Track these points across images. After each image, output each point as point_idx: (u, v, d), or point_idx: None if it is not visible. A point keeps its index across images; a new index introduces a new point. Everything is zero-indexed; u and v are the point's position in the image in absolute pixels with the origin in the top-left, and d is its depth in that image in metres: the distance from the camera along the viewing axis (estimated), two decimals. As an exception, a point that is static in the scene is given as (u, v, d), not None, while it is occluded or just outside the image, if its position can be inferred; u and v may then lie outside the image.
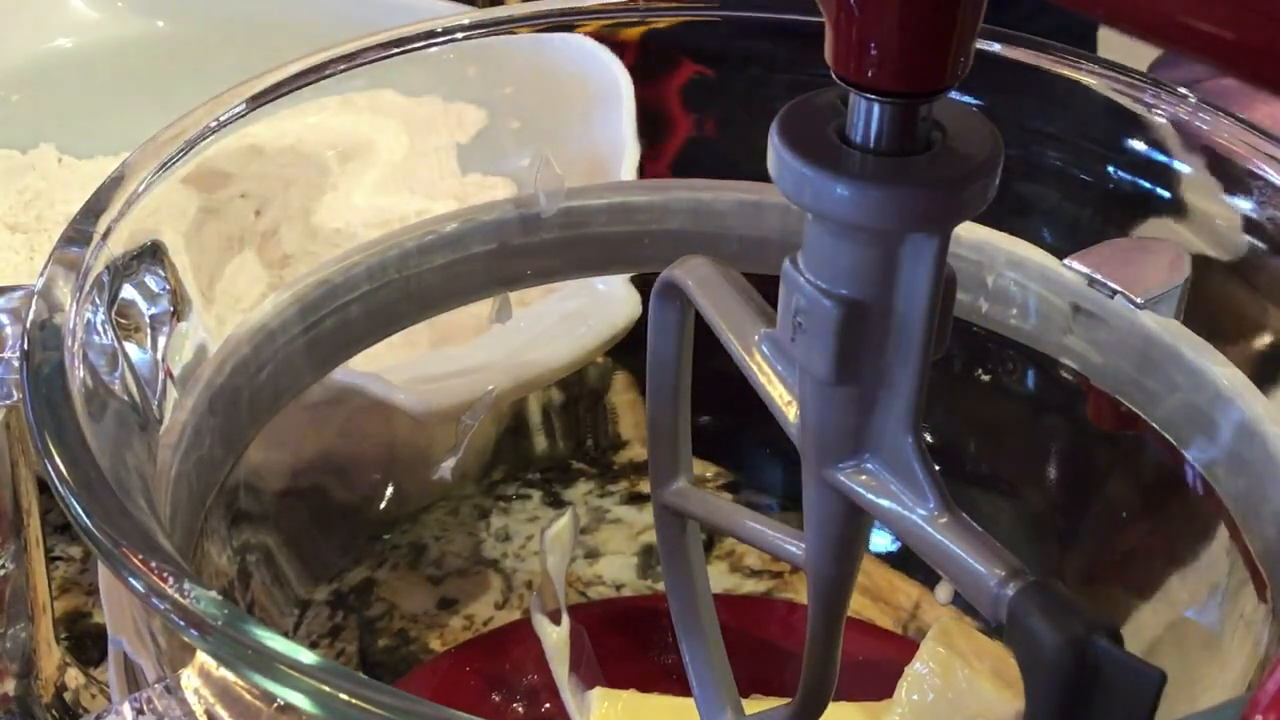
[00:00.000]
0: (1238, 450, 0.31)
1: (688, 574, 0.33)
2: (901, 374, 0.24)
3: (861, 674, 0.37)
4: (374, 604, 0.41)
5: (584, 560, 0.43)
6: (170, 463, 0.30)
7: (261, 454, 0.36)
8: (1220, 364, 0.32)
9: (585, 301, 0.40)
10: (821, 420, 0.26)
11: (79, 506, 0.25)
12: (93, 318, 0.28)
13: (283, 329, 0.33)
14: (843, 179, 0.23)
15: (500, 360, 0.39)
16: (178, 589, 0.23)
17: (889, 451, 0.25)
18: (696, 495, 0.32)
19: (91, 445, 0.26)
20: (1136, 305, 0.32)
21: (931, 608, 0.41)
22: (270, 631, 0.23)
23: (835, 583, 0.28)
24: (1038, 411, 0.39)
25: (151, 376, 0.30)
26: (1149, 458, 0.34)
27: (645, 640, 0.40)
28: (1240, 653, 0.31)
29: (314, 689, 0.22)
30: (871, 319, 0.24)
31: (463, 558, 0.43)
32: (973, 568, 0.24)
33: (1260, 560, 0.30)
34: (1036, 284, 0.34)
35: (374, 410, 0.38)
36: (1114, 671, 0.22)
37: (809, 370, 0.25)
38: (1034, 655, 0.23)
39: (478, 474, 0.44)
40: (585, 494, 0.45)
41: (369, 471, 0.41)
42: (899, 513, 0.25)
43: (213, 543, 0.34)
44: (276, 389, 0.33)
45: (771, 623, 0.41)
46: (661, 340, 0.30)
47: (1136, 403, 0.33)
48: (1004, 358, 0.38)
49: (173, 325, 0.31)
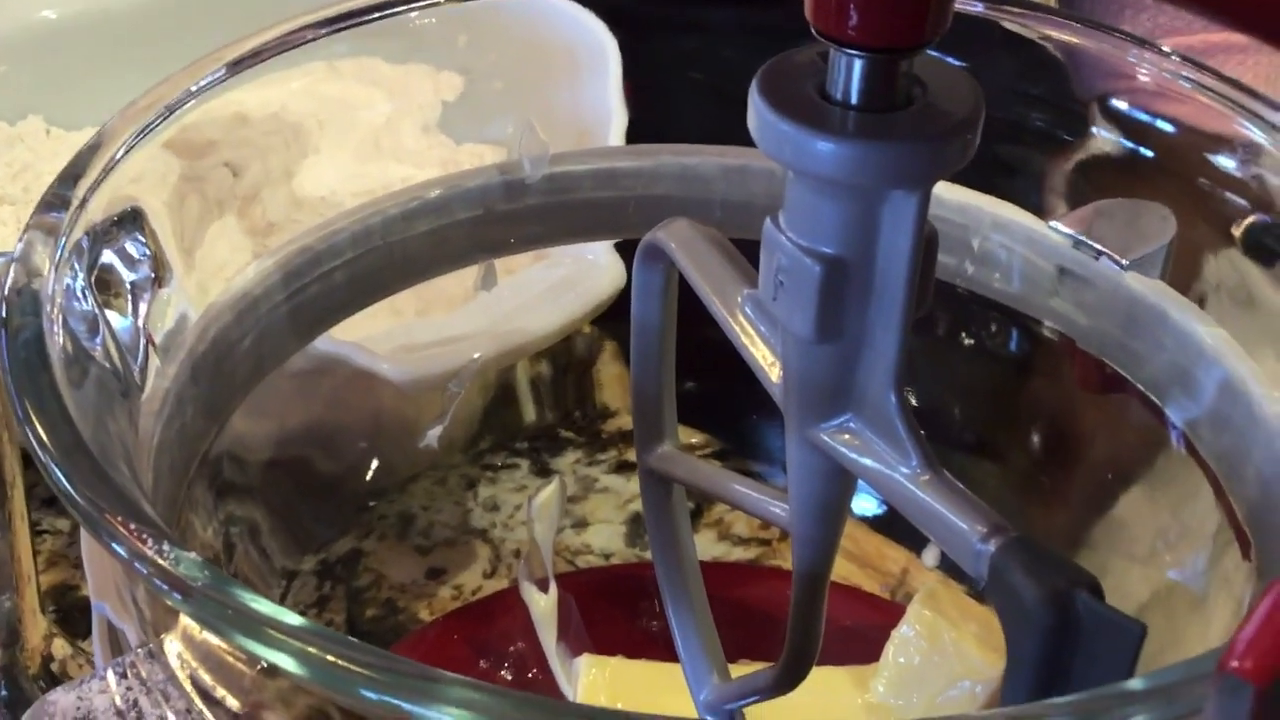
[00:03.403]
0: (1221, 410, 0.31)
1: (673, 539, 0.33)
2: (883, 332, 0.24)
3: (849, 639, 0.37)
4: (361, 574, 0.41)
5: (572, 529, 0.43)
6: (152, 431, 0.30)
7: (245, 424, 0.36)
8: (1205, 324, 0.32)
9: (571, 270, 0.40)
10: (804, 380, 0.26)
11: (59, 472, 0.25)
12: (72, 284, 0.28)
13: (266, 296, 0.33)
14: (823, 135, 0.23)
15: (486, 328, 0.39)
16: (160, 552, 0.23)
17: (872, 410, 0.25)
18: (681, 459, 0.32)
19: (72, 411, 0.26)
20: (1122, 266, 0.32)
21: (919, 573, 0.41)
22: (254, 594, 0.23)
23: (819, 544, 0.28)
24: (1023, 374, 0.39)
25: (133, 343, 0.30)
26: (1134, 419, 0.34)
27: (633, 608, 0.40)
28: (1225, 612, 0.31)
29: (299, 650, 0.22)
30: (853, 277, 0.24)
31: (450, 527, 0.43)
32: (955, 524, 0.24)
33: (1244, 520, 0.30)
34: (1022, 246, 0.34)
35: (359, 380, 0.38)
36: (1095, 625, 0.23)
37: (791, 329, 0.25)
38: (1016, 610, 0.23)
39: (465, 444, 0.44)
40: (573, 463, 0.45)
41: (354, 441, 0.41)
42: (882, 471, 0.25)
43: (197, 514, 0.34)
44: (259, 357, 0.33)
45: (759, 590, 0.41)
46: (645, 303, 0.30)
47: (1121, 364, 0.33)
48: (989, 321, 0.38)
49: (154, 292, 0.30)
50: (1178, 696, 0.21)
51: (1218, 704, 0.17)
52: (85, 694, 0.25)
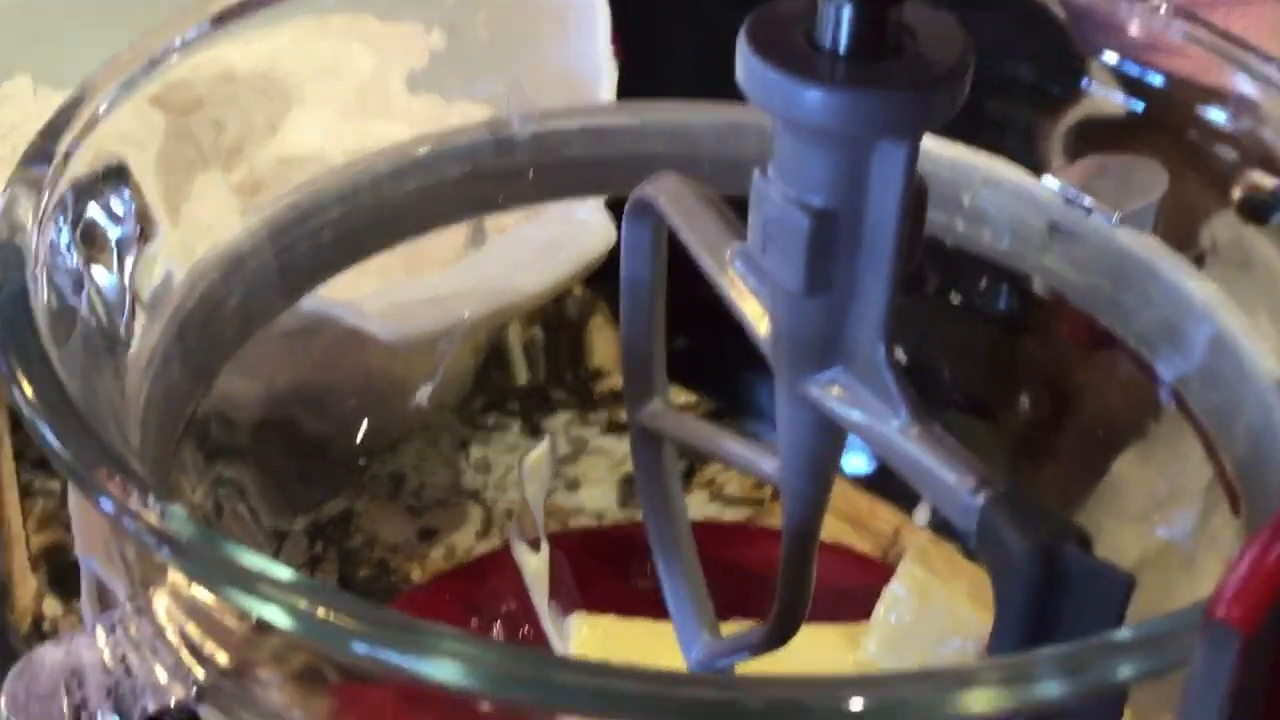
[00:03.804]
0: (1211, 365, 0.31)
1: (665, 498, 0.33)
2: (873, 284, 0.24)
3: (841, 598, 0.37)
4: (353, 535, 0.41)
5: (564, 490, 0.43)
6: (139, 389, 0.30)
7: (234, 384, 0.36)
8: (1196, 280, 0.32)
9: (561, 229, 0.40)
10: (793, 333, 0.26)
11: (46, 427, 0.25)
12: (57, 239, 0.28)
13: (253, 254, 0.33)
14: (812, 83, 0.23)
15: (475, 287, 0.39)
16: (148, 506, 0.23)
17: (861, 363, 0.25)
18: (672, 416, 0.32)
19: (58, 367, 0.26)
20: (1113, 222, 0.32)
21: (911, 533, 0.41)
22: (244, 548, 0.23)
23: (809, 499, 0.28)
24: (1013, 332, 0.39)
25: (118, 300, 0.30)
26: (1124, 376, 0.34)
27: (625, 568, 0.40)
28: (1214, 570, 0.31)
29: (289, 604, 0.22)
30: (842, 229, 0.24)
31: (442, 488, 0.43)
32: (944, 478, 0.24)
33: (1234, 476, 0.30)
34: (1012, 202, 0.34)
35: (348, 339, 0.38)
36: (1083, 577, 0.23)
37: (780, 282, 0.25)
38: (1004, 562, 0.23)
39: (456, 404, 0.44)
40: (565, 424, 0.45)
41: (344, 401, 0.41)
42: (872, 425, 0.25)
43: (186, 475, 0.34)
44: (247, 316, 0.33)
45: (750, 550, 0.41)
46: (635, 259, 0.30)
47: (1112, 320, 0.33)
48: (979, 278, 0.38)
49: (139, 248, 0.30)
50: (1165, 647, 0.21)
51: (1204, 653, 0.17)
52: (74, 649, 0.25)
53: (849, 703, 0.21)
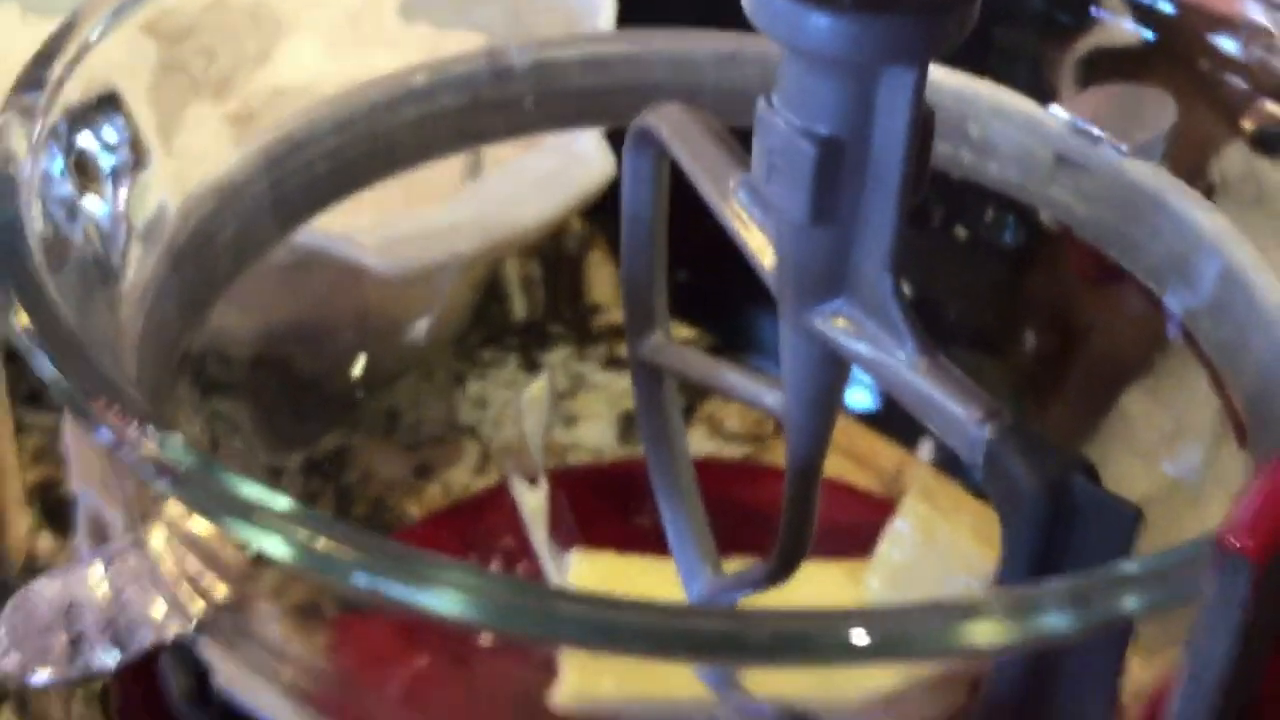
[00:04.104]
0: (1220, 298, 0.31)
1: (665, 433, 0.33)
2: (879, 214, 0.24)
3: (844, 535, 0.36)
4: (349, 471, 0.41)
5: (562, 426, 0.43)
6: (134, 321, 0.30)
7: (230, 319, 0.36)
8: (1205, 211, 0.31)
9: (560, 161, 0.39)
10: (798, 264, 0.25)
11: (42, 356, 0.24)
12: (49, 167, 0.27)
13: (247, 185, 0.32)
14: (818, 9, 0.22)
15: (473, 220, 0.38)
16: (146, 436, 0.23)
17: (866, 294, 0.25)
18: (673, 349, 0.32)
19: (53, 296, 0.26)
20: (1121, 153, 0.32)
21: (914, 470, 0.41)
22: (243, 477, 0.22)
23: (813, 432, 0.28)
24: (1019, 265, 0.38)
25: (112, 230, 0.29)
26: (1132, 310, 0.34)
27: (624, 504, 0.40)
28: (1222, 506, 0.31)
29: (289, 533, 0.22)
30: (848, 158, 0.24)
31: (439, 424, 0.42)
32: (950, 410, 0.24)
33: (1242, 410, 0.30)
34: (1019, 133, 0.34)
35: (344, 273, 0.37)
36: (1091, 510, 0.22)
37: (785, 212, 0.25)
38: (1011, 495, 0.23)
39: (453, 340, 0.44)
40: (563, 359, 0.44)
41: (341, 337, 0.41)
42: (877, 356, 0.25)
43: (182, 411, 0.34)
44: (241, 247, 0.32)
45: (752, 487, 0.41)
46: (636, 190, 0.30)
47: (1120, 253, 0.33)
48: (985, 210, 0.37)
49: (133, 178, 0.30)
50: (1173, 580, 0.21)
51: (1217, 583, 0.17)
52: (71, 583, 0.25)
53: (854, 635, 0.20)
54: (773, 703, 0.26)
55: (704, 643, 0.21)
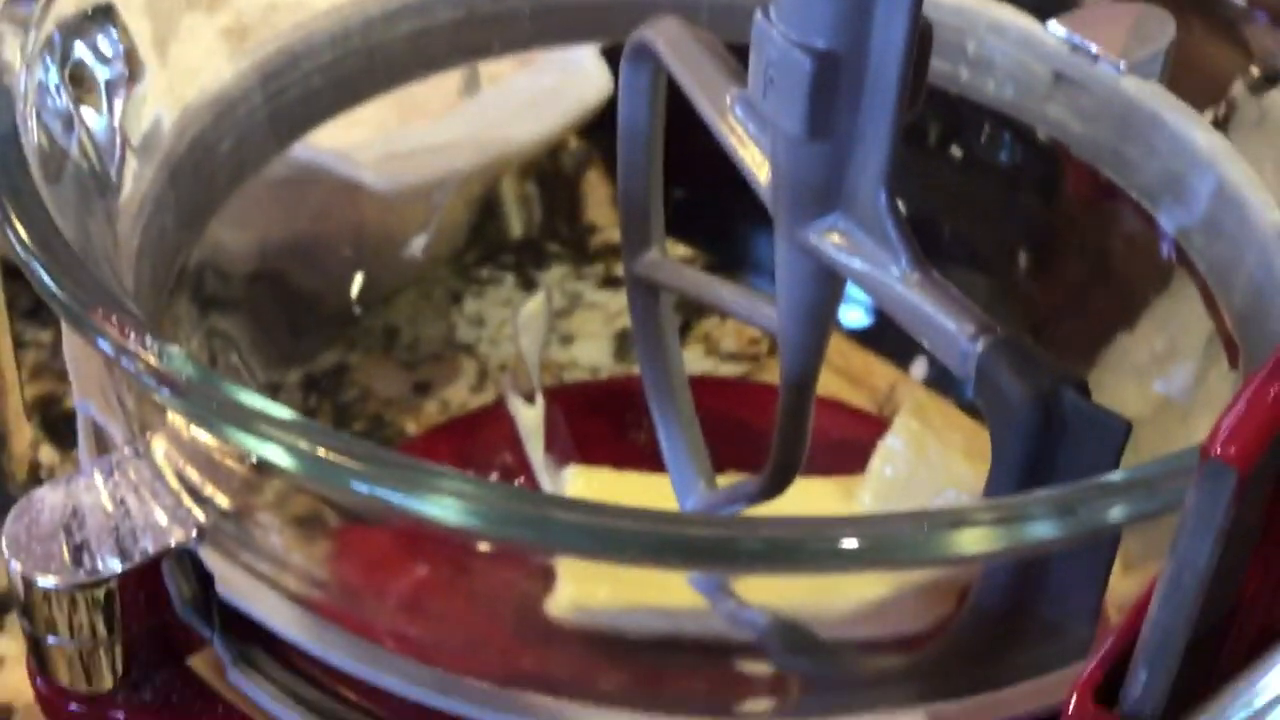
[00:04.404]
0: (1214, 216, 0.31)
1: (661, 350, 0.33)
2: (875, 128, 0.24)
3: (837, 452, 0.37)
4: (347, 388, 0.41)
5: (559, 345, 0.43)
6: (131, 236, 0.30)
7: (227, 235, 0.36)
8: (1201, 129, 0.31)
9: (556, 77, 0.39)
10: (793, 179, 0.25)
11: (41, 267, 0.24)
12: (45, 79, 0.27)
13: (244, 99, 0.32)
14: (816, -80, 0.22)
15: (469, 137, 0.38)
16: (146, 346, 0.23)
17: (861, 209, 0.25)
18: (668, 266, 0.32)
19: (50, 208, 0.26)
20: (1119, 70, 0.32)
21: (908, 389, 0.41)
22: (243, 388, 0.23)
23: (806, 348, 0.28)
24: (1015, 183, 0.38)
25: (109, 143, 0.29)
26: (1127, 228, 0.34)
27: (620, 421, 0.40)
28: (1212, 423, 0.31)
29: (289, 443, 0.22)
30: (845, 72, 0.24)
31: (436, 341, 0.43)
32: (943, 324, 0.24)
33: (1233, 328, 0.30)
34: (1017, 50, 0.34)
35: (341, 190, 0.37)
36: (1080, 422, 0.23)
37: (781, 127, 0.25)
38: (1002, 408, 0.23)
39: (450, 257, 0.44)
40: (560, 278, 0.45)
41: (338, 254, 0.41)
42: (871, 272, 0.25)
43: (180, 327, 0.34)
44: (238, 162, 0.33)
45: (747, 405, 0.42)
46: (632, 105, 0.30)
47: (1115, 171, 0.33)
48: (982, 128, 0.37)
49: (129, 91, 0.30)
50: (1158, 489, 0.22)
51: (1200, 491, 0.18)
52: (73, 491, 0.26)
53: (844, 542, 0.21)
54: (765, 611, 0.27)
55: (698, 550, 0.21)
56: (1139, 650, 0.18)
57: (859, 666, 0.27)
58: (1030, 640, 0.24)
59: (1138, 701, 0.19)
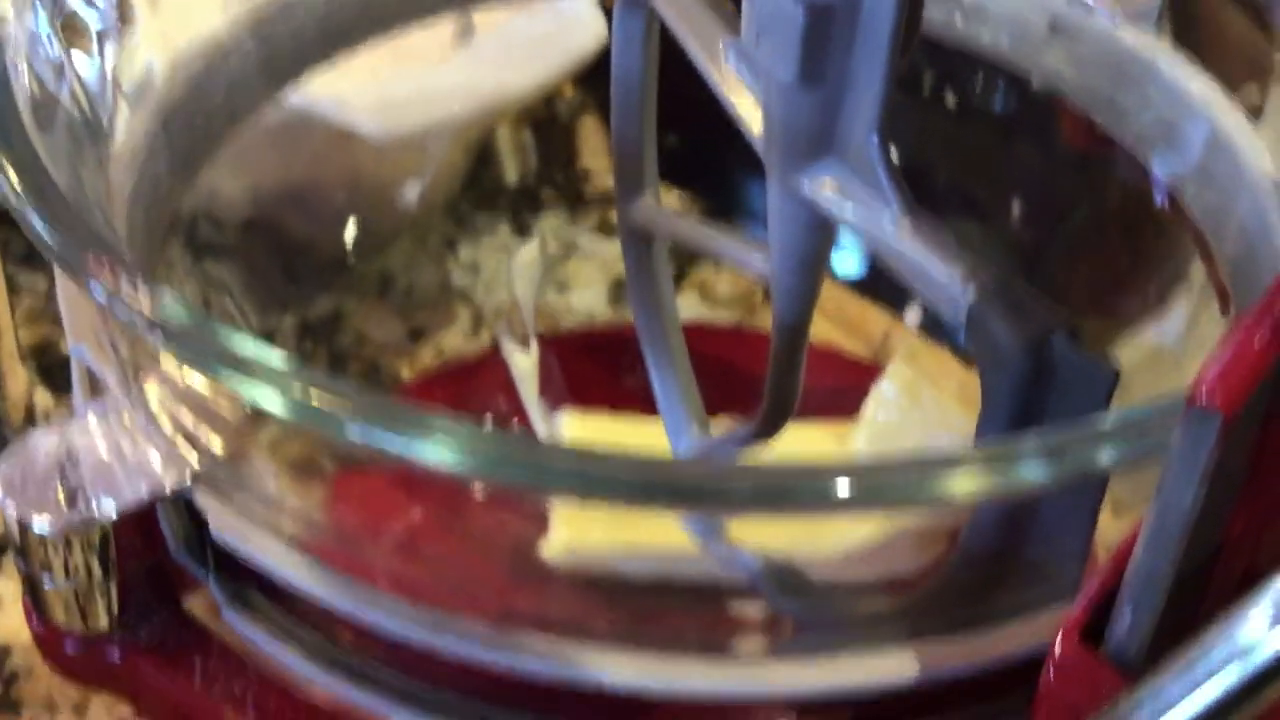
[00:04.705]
0: (1207, 164, 0.31)
1: (655, 295, 0.33)
2: (868, 74, 0.24)
3: (830, 398, 0.37)
4: (342, 334, 0.41)
5: (554, 291, 0.43)
6: (124, 183, 0.30)
7: (221, 182, 0.36)
8: (1195, 78, 0.31)
9: (551, 25, 0.39)
10: (786, 125, 0.25)
11: (33, 213, 0.25)
12: (35, 27, 0.27)
13: (235, 45, 0.32)
14: None
15: (464, 84, 0.38)
16: (139, 292, 0.23)
17: (854, 155, 0.25)
18: (662, 213, 0.32)
19: (42, 155, 0.26)
20: (1114, 20, 0.31)
21: (901, 336, 0.41)
22: (237, 332, 0.23)
23: (799, 295, 0.28)
24: (1009, 132, 0.38)
25: (100, 90, 0.29)
26: (1120, 177, 0.34)
27: (615, 367, 0.40)
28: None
29: (284, 386, 0.22)
30: (838, 18, 0.23)
31: (431, 288, 0.43)
32: (934, 271, 0.24)
33: (1225, 276, 0.30)
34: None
35: (335, 137, 0.37)
36: (1069, 368, 0.23)
37: (774, 74, 0.24)
38: (992, 354, 0.23)
39: (445, 204, 0.44)
40: (555, 225, 0.45)
41: (333, 201, 0.41)
42: (863, 219, 0.25)
43: (174, 273, 0.34)
44: (231, 108, 0.32)
45: (742, 351, 0.42)
46: (626, 52, 0.30)
47: (1109, 120, 0.33)
48: (976, 77, 0.37)
49: (120, 38, 0.30)
50: (1146, 433, 0.22)
51: (1186, 434, 0.18)
52: (67, 435, 0.26)
53: (835, 486, 0.21)
54: (757, 554, 0.27)
55: (689, 494, 0.21)
56: (1124, 591, 0.19)
57: (850, 607, 0.27)
58: (1019, 582, 0.25)
59: (1122, 641, 0.19)
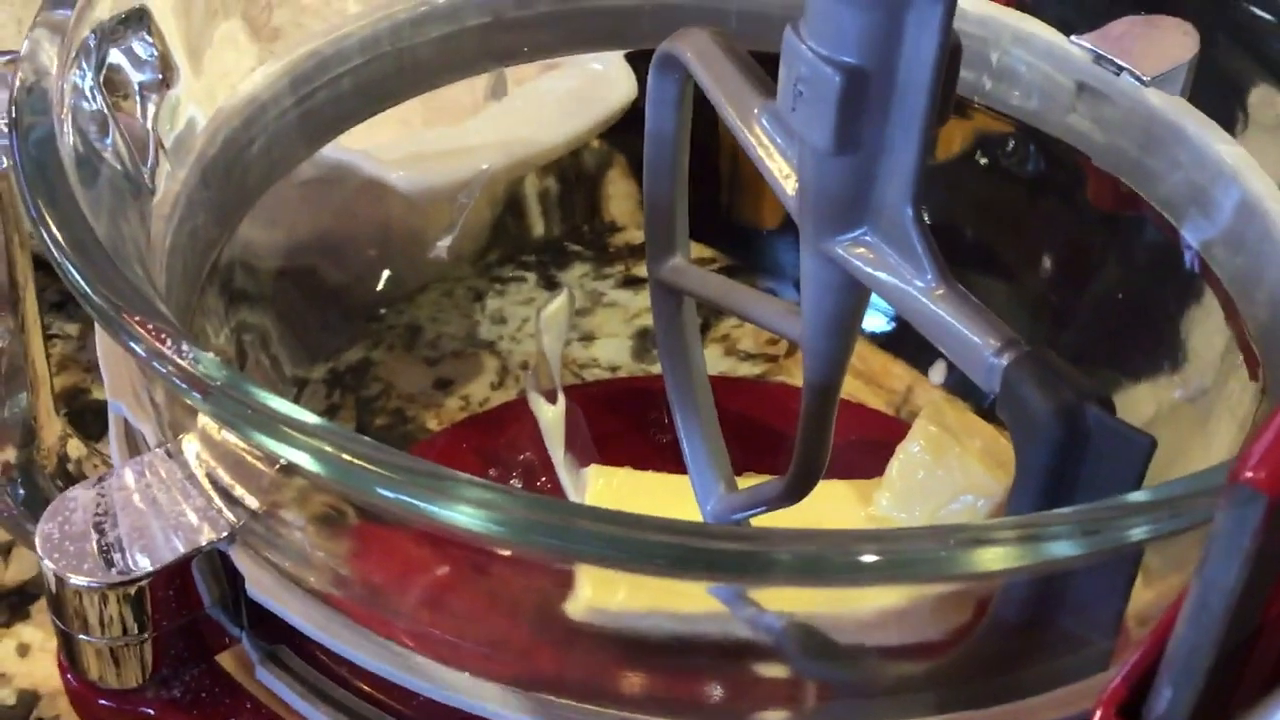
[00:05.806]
0: (1237, 229, 0.31)
1: (683, 352, 0.33)
2: (903, 144, 0.24)
3: (854, 453, 0.37)
4: (370, 384, 0.42)
5: (579, 343, 0.43)
6: (164, 234, 0.30)
7: (256, 232, 0.36)
8: (1224, 141, 0.31)
9: (582, 81, 0.39)
10: (820, 192, 0.25)
11: (75, 270, 0.25)
12: (80, 83, 0.28)
13: (274, 102, 0.33)
14: (848, -61, 0.22)
15: (495, 139, 0.39)
16: (178, 351, 0.23)
17: (888, 223, 0.25)
18: (692, 271, 0.32)
19: (85, 210, 0.26)
20: (1143, 83, 0.32)
21: (924, 391, 0.41)
22: (271, 393, 0.23)
23: (831, 357, 0.28)
24: (1037, 192, 0.38)
25: (142, 146, 0.29)
26: (1148, 238, 0.34)
27: (641, 420, 0.40)
28: (1228, 433, 0.32)
29: (317, 449, 0.22)
30: (874, 87, 0.24)
31: (458, 339, 0.43)
32: (968, 338, 0.24)
33: (1254, 339, 0.30)
34: (1042, 61, 0.34)
35: (368, 189, 0.38)
36: (1104, 438, 0.23)
37: (809, 140, 0.25)
38: (1026, 422, 0.23)
39: (473, 256, 0.44)
40: (581, 277, 0.45)
41: (363, 251, 0.41)
42: (896, 285, 0.25)
43: (209, 321, 0.34)
44: (269, 163, 0.33)
45: (766, 405, 0.42)
46: (660, 114, 0.30)
47: (1138, 182, 0.33)
48: (1006, 138, 0.37)
49: (162, 94, 0.30)
50: (1181, 509, 0.22)
51: (1229, 514, 0.18)
52: (105, 490, 0.26)
53: (866, 558, 0.21)
54: (783, 617, 0.27)
55: (726, 563, 0.21)
56: (1164, 668, 0.19)
57: (877, 673, 0.27)
58: (1050, 651, 0.25)
59: (1161, 719, 0.19)
